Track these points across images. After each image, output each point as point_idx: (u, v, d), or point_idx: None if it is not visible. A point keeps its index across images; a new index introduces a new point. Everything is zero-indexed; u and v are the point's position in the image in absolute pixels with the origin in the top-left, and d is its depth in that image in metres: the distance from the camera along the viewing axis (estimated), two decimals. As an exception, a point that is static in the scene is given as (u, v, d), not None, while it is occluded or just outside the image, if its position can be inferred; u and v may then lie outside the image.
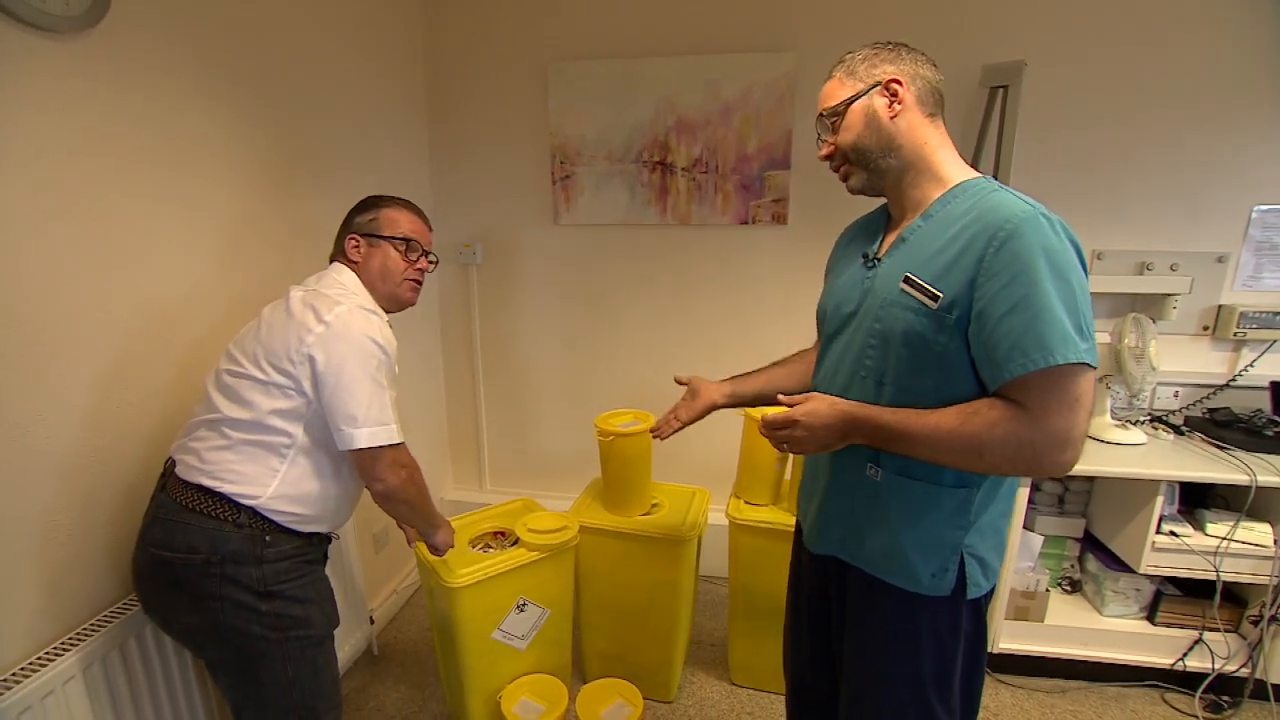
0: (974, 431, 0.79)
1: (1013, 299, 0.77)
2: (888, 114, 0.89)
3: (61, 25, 1.05)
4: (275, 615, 1.02)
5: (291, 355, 1.02)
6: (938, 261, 0.85)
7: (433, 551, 1.30)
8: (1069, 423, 0.77)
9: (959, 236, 0.83)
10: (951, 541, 0.89)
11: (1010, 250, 0.78)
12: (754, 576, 1.71)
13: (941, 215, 0.88)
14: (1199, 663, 1.73)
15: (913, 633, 0.92)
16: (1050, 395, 0.77)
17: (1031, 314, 0.76)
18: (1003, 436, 0.78)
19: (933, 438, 0.82)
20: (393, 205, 1.21)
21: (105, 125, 1.13)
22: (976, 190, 0.87)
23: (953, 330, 0.83)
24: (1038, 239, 0.77)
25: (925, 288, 0.85)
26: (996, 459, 0.79)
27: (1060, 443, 0.77)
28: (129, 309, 1.18)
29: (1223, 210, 1.87)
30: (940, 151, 0.91)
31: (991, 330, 0.79)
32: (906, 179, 0.92)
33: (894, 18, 1.89)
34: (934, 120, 0.91)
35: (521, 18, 2.11)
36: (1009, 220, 0.79)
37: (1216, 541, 1.63)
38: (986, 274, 0.80)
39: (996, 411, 0.79)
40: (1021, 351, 0.77)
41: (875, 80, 0.90)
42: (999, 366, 0.79)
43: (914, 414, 0.84)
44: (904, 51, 0.91)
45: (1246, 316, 1.86)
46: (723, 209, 2.11)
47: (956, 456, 0.82)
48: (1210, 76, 1.79)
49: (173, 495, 1.02)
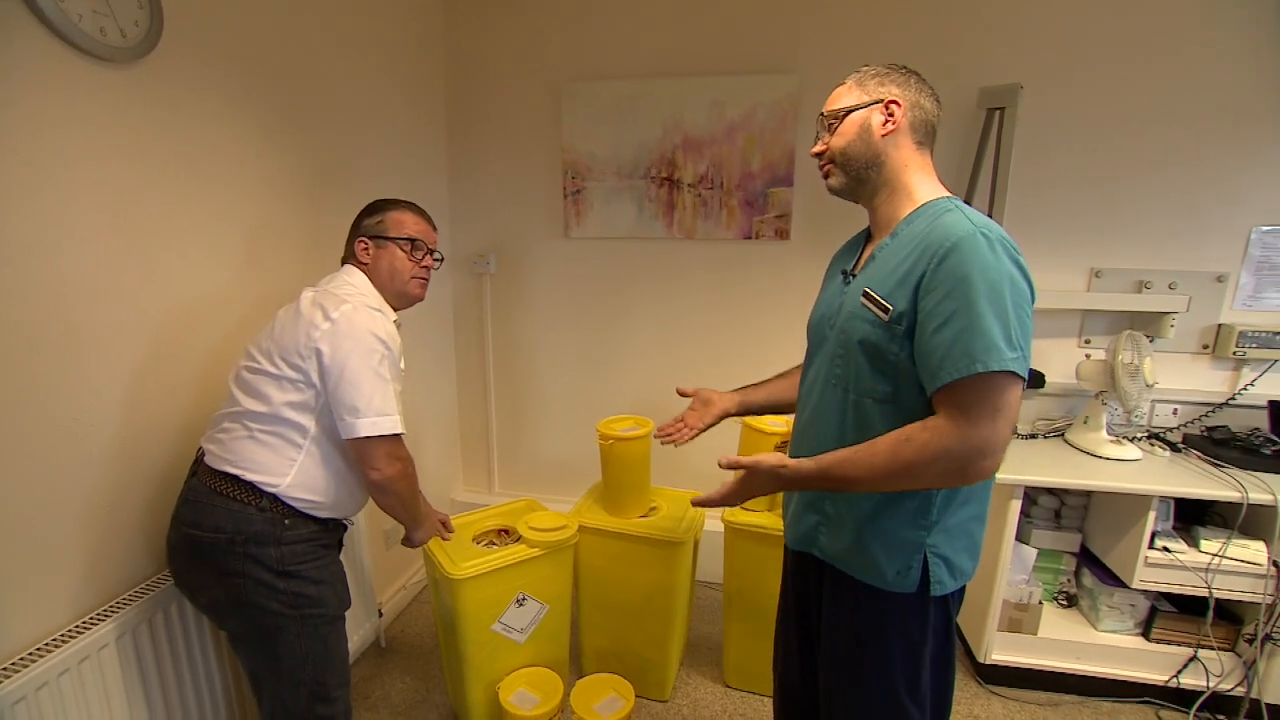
0: (908, 460, 0.85)
1: (946, 312, 0.84)
2: (880, 130, 0.96)
3: (118, 55, 1.16)
4: (292, 593, 1.11)
5: (301, 350, 1.10)
6: (893, 277, 0.91)
7: (409, 543, 1.37)
8: (990, 431, 0.82)
9: (911, 253, 0.90)
10: (914, 541, 0.94)
11: (946, 267, 0.84)
12: (748, 580, 1.76)
13: (905, 234, 0.94)
14: (1194, 680, 1.73)
15: (881, 627, 0.97)
16: (975, 403, 0.82)
17: (961, 326, 0.82)
18: (933, 456, 0.83)
19: (870, 479, 0.88)
20: (397, 207, 1.28)
21: (151, 143, 1.24)
22: (934, 211, 0.93)
23: (902, 340, 0.89)
24: (973, 256, 0.83)
25: (879, 301, 0.92)
26: (930, 477, 0.86)
27: (980, 451, 0.82)
28: (162, 311, 1.29)
29: (1222, 230, 1.89)
30: (918, 175, 0.97)
31: (927, 340, 0.86)
32: (882, 195, 0.99)
33: (894, 42, 1.96)
34: (921, 149, 0.98)
35: (537, 40, 2.23)
36: (948, 238, 0.85)
37: (1208, 559, 1.64)
38: (926, 289, 0.86)
39: (927, 433, 0.84)
40: (950, 360, 0.83)
41: (879, 97, 0.96)
42: (933, 374, 0.85)
43: (848, 463, 0.89)
44: (914, 79, 0.98)
45: (1246, 336, 1.87)
46: (727, 224, 2.19)
47: (895, 484, 0.88)
48: (1209, 96, 1.82)
49: (203, 480, 1.12)
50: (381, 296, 1.25)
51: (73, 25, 1.08)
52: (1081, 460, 1.81)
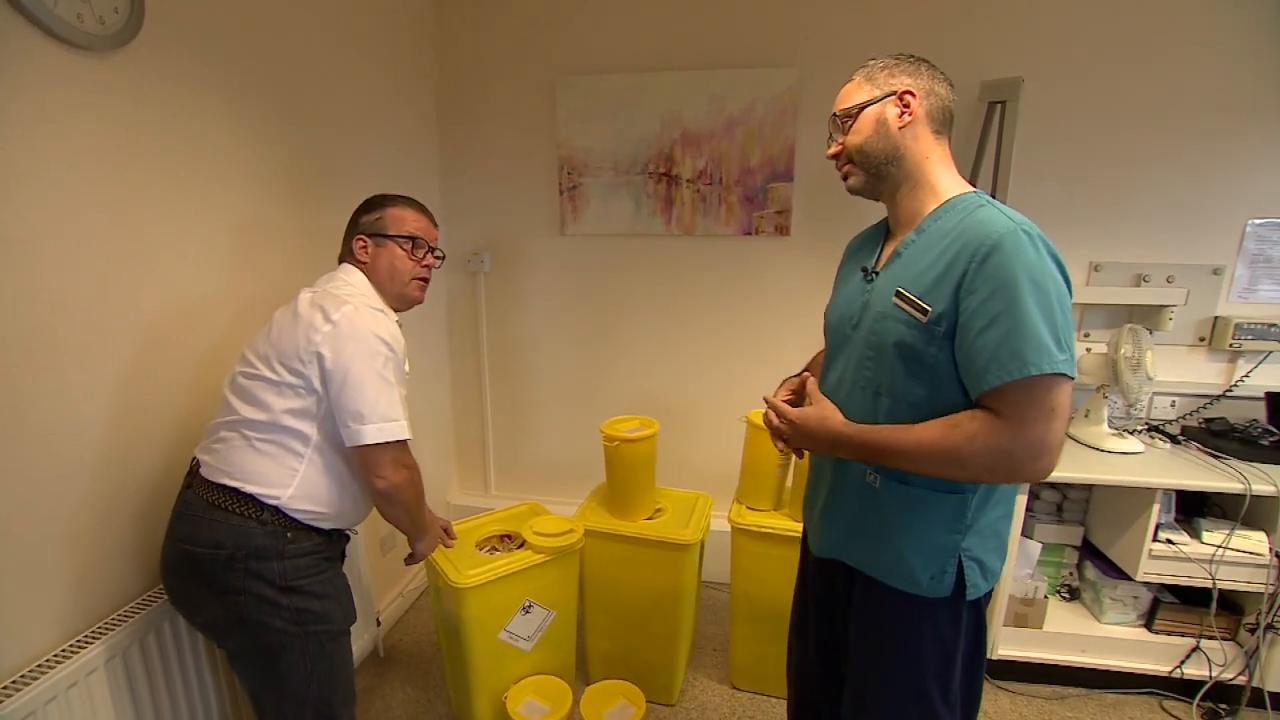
0: (955, 444, 0.83)
1: (992, 313, 0.81)
2: (897, 123, 0.93)
3: (96, 43, 1.10)
4: (295, 609, 1.06)
5: (301, 354, 1.05)
6: (927, 276, 0.88)
7: (412, 558, 1.31)
8: (1044, 432, 0.80)
9: (946, 251, 0.87)
10: (949, 545, 0.92)
11: (990, 266, 0.82)
12: (756, 581, 1.73)
13: (933, 230, 0.92)
14: (1196, 670, 1.75)
15: (914, 633, 0.95)
16: (1027, 405, 0.80)
17: (1009, 327, 0.80)
18: (982, 448, 0.81)
19: (916, 453, 0.86)
20: (397, 204, 1.22)
21: (132, 137, 1.18)
22: (964, 206, 0.90)
23: (942, 342, 0.87)
24: (1017, 255, 0.81)
25: (915, 302, 0.88)
26: (977, 469, 0.83)
27: (1036, 452, 0.80)
28: (150, 313, 1.23)
29: (1218, 223, 1.90)
30: (939, 167, 0.95)
31: (972, 342, 0.83)
32: (904, 189, 0.96)
33: (895, 34, 1.94)
34: (939, 138, 0.95)
35: (531, 34, 2.17)
36: (989, 236, 0.83)
37: (1212, 549, 1.66)
38: (968, 289, 0.83)
39: (976, 423, 0.82)
40: (999, 363, 0.80)
41: (891, 89, 0.93)
42: (979, 377, 0.83)
43: (899, 430, 0.88)
44: (924, 67, 0.95)
45: (1242, 328, 1.89)
46: (726, 220, 2.16)
47: (940, 468, 0.85)
48: (1205, 91, 1.82)
49: (199, 493, 1.06)
50: (381, 297, 1.19)
51: (47, 10, 1.01)
52: (1084, 454, 1.81)
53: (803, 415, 0.96)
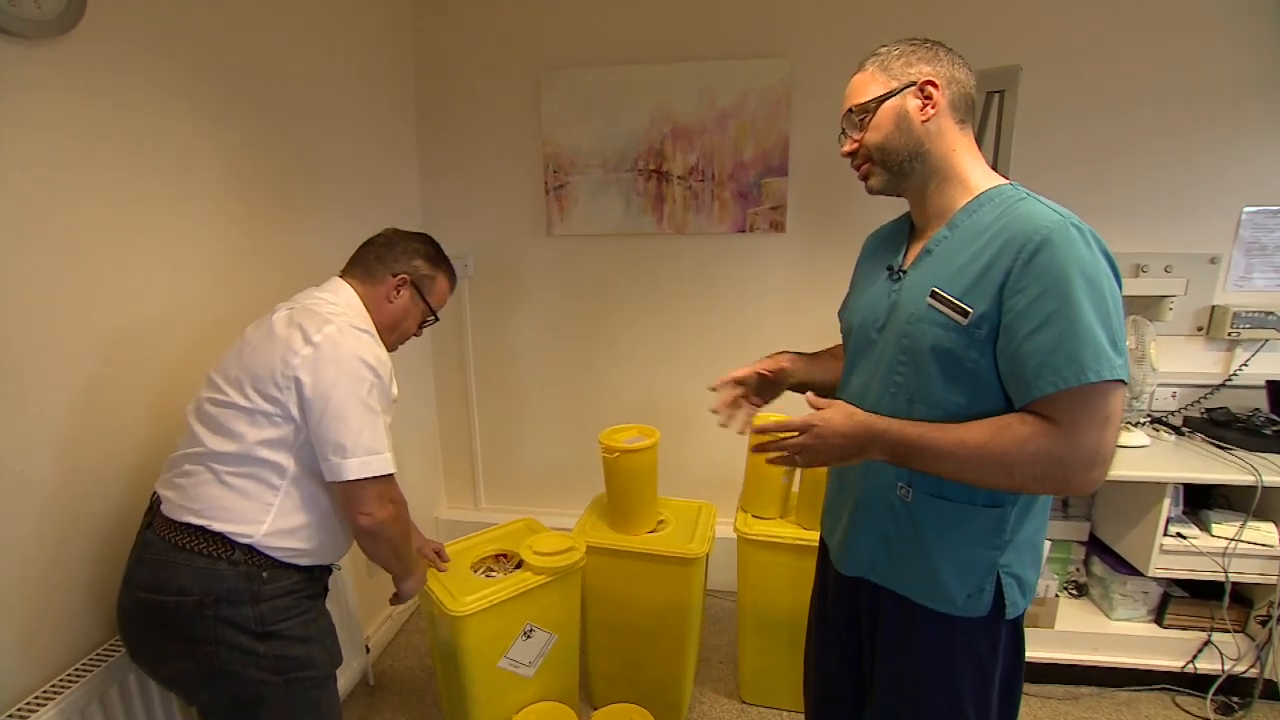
0: (1004, 448, 0.76)
1: (1042, 313, 0.75)
2: (919, 116, 0.86)
3: (32, 30, 0.98)
4: (274, 657, 0.96)
5: (277, 379, 0.95)
6: (966, 275, 0.82)
7: (397, 599, 1.21)
8: (1099, 441, 0.74)
9: (986, 248, 0.81)
10: (987, 562, 0.86)
11: (1040, 262, 0.75)
12: (764, 592, 1.67)
13: (967, 225, 0.85)
14: (1209, 664, 1.73)
15: (949, 655, 0.89)
16: (1082, 412, 0.74)
17: (1062, 329, 0.74)
18: (1034, 454, 0.75)
19: (959, 454, 0.78)
20: (448, 275, 1.22)
21: (78, 135, 1.06)
22: (1003, 199, 0.84)
23: (983, 345, 0.80)
24: (1069, 250, 0.75)
25: (954, 303, 0.82)
26: (1026, 478, 0.76)
27: (1090, 461, 0.75)
28: (103, 331, 1.11)
29: (1214, 211, 1.89)
30: (968, 158, 0.88)
31: (1019, 345, 0.77)
32: (932, 185, 0.89)
33: (890, 22, 1.88)
34: (964, 127, 0.88)
35: (513, 26, 2.08)
36: (1038, 231, 0.76)
37: (1224, 542, 1.63)
38: (1014, 287, 0.77)
39: (1028, 427, 0.76)
40: (1052, 368, 0.74)
41: (910, 80, 0.86)
42: (1027, 383, 0.77)
43: (939, 428, 0.81)
44: (941, 52, 0.88)
45: (1240, 316, 1.88)
46: (720, 217, 2.09)
47: (984, 474, 0.78)
48: (1199, 78, 1.80)
49: (160, 534, 0.96)
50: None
51: (-28, -7, 0.90)
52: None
53: (824, 415, 0.83)
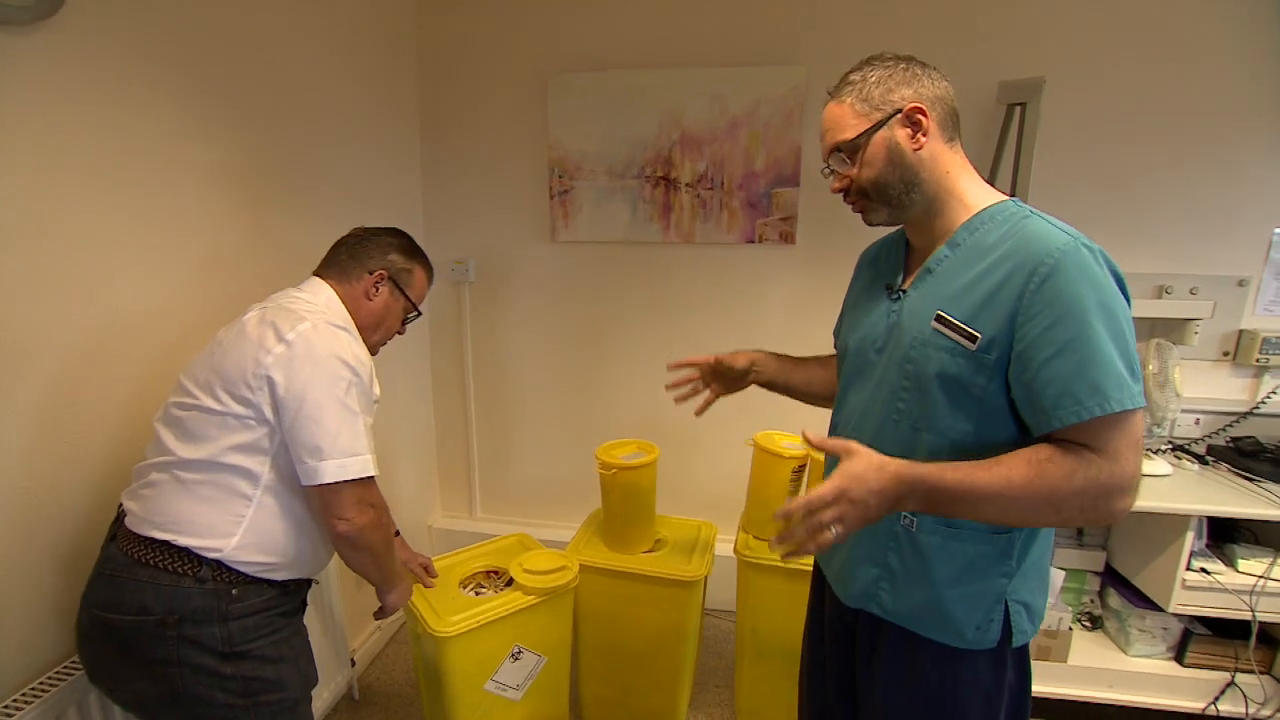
0: (1053, 484, 0.71)
1: (1059, 340, 0.71)
2: (911, 146, 0.81)
3: (7, 14, 0.94)
4: (242, 679, 0.91)
5: (249, 379, 0.91)
6: (972, 297, 0.77)
7: (381, 613, 1.16)
8: (1134, 467, 0.71)
9: (994, 270, 0.76)
10: (996, 591, 0.82)
11: (1053, 287, 0.71)
12: (764, 617, 1.60)
13: (970, 245, 0.81)
14: (1231, 707, 1.64)
15: (954, 688, 0.85)
16: (1109, 440, 0.71)
17: (1082, 357, 0.70)
18: (1082, 486, 0.70)
19: (1004, 497, 0.72)
20: (425, 265, 1.19)
21: (55, 124, 1.02)
22: (1006, 217, 0.80)
23: (992, 371, 0.76)
24: (1082, 274, 0.71)
25: (961, 327, 0.77)
26: (1072, 511, 0.72)
27: (1127, 487, 0.71)
28: (72, 332, 1.06)
29: (1244, 233, 1.81)
30: (964, 177, 0.84)
31: (1036, 373, 0.72)
32: (932, 209, 0.85)
33: (908, 31, 1.84)
34: (953, 145, 0.85)
35: (521, 27, 2.04)
36: (1049, 254, 0.72)
37: (1251, 580, 1.55)
38: (1027, 313, 0.73)
39: (1070, 459, 0.71)
40: (1073, 398, 0.70)
41: (895, 108, 0.81)
42: (1045, 412, 0.73)
43: (977, 470, 0.73)
44: (917, 69, 0.83)
45: (1269, 342, 1.80)
46: (728, 227, 2.03)
47: (1029, 514, 0.73)
48: (1229, 97, 1.74)
49: (123, 548, 0.91)
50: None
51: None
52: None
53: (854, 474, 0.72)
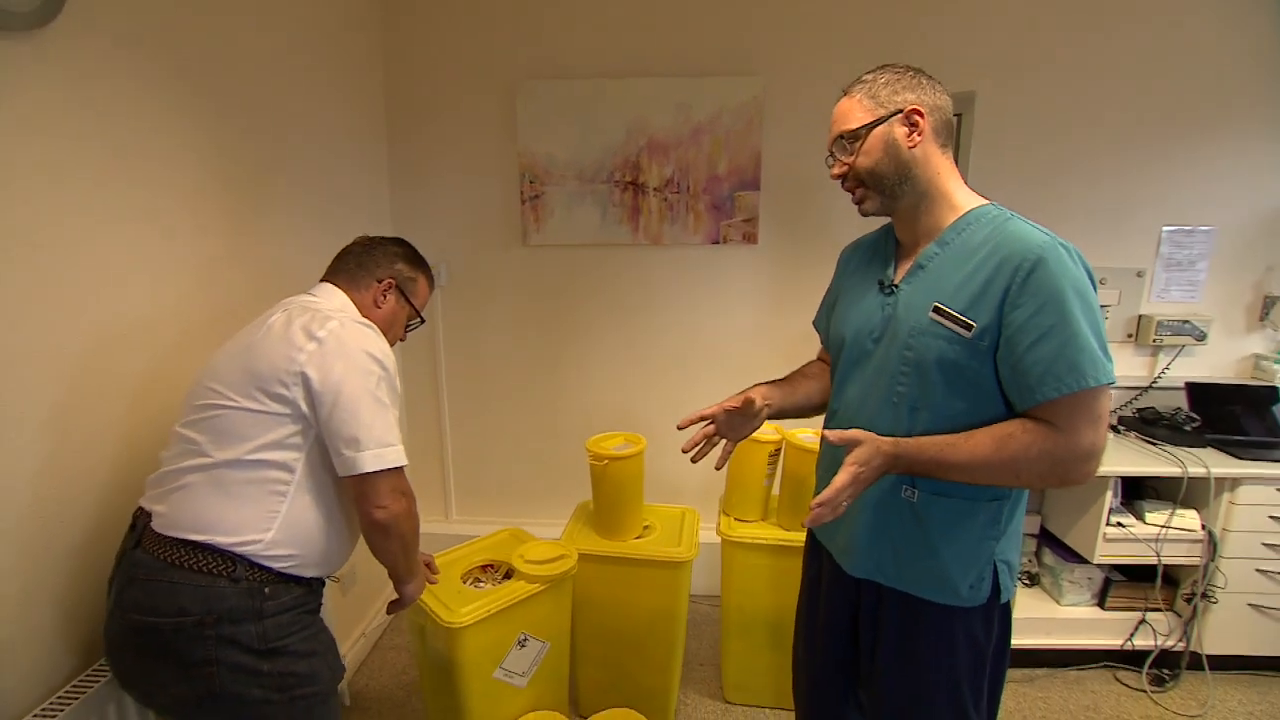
0: (1012, 455, 0.84)
1: (1042, 326, 0.83)
2: (906, 143, 0.92)
3: (5, 20, 0.93)
4: (278, 675, 0.93)
5: (282, 377, 0.94)
6: (965, 291, 0.89)
7: (397, 604, 1.18)
8: (1095, 437, 0.84)
9: (982, 266, 0.88)
10: (987, 552, 0.94)
11: (1036, 279, 0.83)
12: (748, 594, 1.72)
13: (959, 243, 0.92)
14: (1144, 641, 1.89)
15: (951, 642, 0.96)
16: (1079, 414, 0.83)
17: (1062, 340, 0.82)
18: (1038, 456, 0.84)
19: (970, 464, 0.86)
20: (428, 275, 1.23)
21: (51, 130, 1.00)
22: (990, 219, 0.92)
23: (984, 356, 0.88)
24: (1061, 268, 0.83)
25: (957, 317, 0.88)
26: (1031, 476, 0.85)
27: (1087, 456, 0.84)
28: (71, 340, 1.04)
29: (1139, 229, 2.08)
30: (951, 180, 0.96)
31: (1021, 356, 0.84)
32: (921, 206, 0.96)
33: (857, 47, 1.98)
34: (945, 150, 0.96)
35: (487, 35, 2.08)
36: (1031, 251, 0.84)
37: (1156, 529, 1.80)
38: (1013, 302, 0.85)
39: (1030, 434, 0.84)
40: (1054, 376, 0.82)
41: (897, 107, 0.92)
42: (1030, 390, 0.84)
43: (949, 443, 0.87)
44: (923, 79, 0.95)
45: (1163, 325, 2.08)
46: (694, 229, 2.14)
47: (993, 478, 0.87)
48: (1130, 103, 1.98)
49: (152, 552, 0.91)
50: None
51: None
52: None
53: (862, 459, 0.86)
